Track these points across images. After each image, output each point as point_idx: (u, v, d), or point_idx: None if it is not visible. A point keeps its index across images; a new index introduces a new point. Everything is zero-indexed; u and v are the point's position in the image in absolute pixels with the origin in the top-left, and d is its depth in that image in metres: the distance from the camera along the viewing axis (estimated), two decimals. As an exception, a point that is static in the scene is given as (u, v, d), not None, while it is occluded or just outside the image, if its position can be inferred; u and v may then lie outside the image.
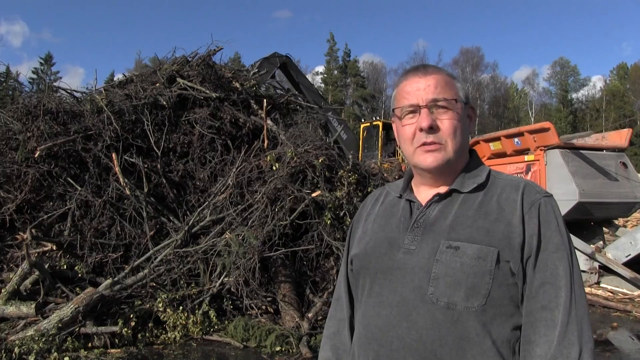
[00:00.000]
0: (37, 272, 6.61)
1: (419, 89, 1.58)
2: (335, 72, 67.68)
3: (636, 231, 9.92)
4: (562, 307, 1.41)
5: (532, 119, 64.31)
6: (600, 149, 10.99)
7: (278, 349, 6.15)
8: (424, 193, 1.65)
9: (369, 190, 7.83)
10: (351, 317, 1.76)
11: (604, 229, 11.02)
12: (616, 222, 11.85)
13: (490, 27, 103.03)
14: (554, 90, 73.30)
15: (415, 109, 1.58)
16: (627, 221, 14.69)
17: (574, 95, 74.54)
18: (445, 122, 1.56)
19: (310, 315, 6.90)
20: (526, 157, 10.72)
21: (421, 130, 1.55)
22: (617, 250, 9.61)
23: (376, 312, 1.54)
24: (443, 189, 1.60)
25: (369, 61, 73.07)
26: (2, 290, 6.44)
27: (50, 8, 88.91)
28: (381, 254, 1.59)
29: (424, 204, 1.61)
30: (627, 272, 9.32)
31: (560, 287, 1.42)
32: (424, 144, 1.56)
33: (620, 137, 11.50)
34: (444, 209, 1.57)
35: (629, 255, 9.57)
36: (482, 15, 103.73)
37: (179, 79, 8.77)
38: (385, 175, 8.95)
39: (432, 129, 1.55)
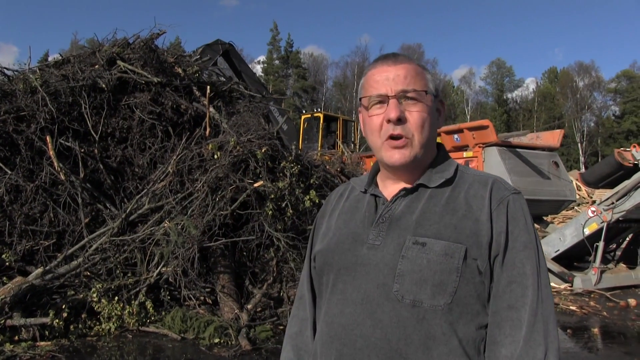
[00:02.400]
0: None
1: (387, 79, 1.52)
2: (277, 62, 67.40)
3: (565, 228, 10.32)
4: (528, 306, 1.38)
5: (469, 117, 65.89)
6: (535, 148, 11.36)
7: (217, 340, 6.06)
8: (390, 187, 1.60)
9: (311, 182, 7.80)
10: (314, 316, 1.69)
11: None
12: (545, 218, 12.28)
13: (432, 25, 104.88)
14: (490, 90, 75.34)
15: (383, 99, 1.52)
16: (554, 218, 15.28)
17: (508, 95, 76.99)
18: (414, 114, 1.50)
19: (249, 306, 6.84)
20: (465, 154, 10.97)
21: (389, 121, 1.50)
22: (547, 246, 9.96)
23: (339, 309, 1.49)
24: (409, 184, 1.56)
25: (310, 53, 73.15)
26: None
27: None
28: (345, 249, 1.54)
29: (389, 198, 1.56)
30: (555, 267, 9.72)
31: (527, 287, 1.40)
32: (391, 136, 1.50)
33: (553, 138, 11.97)
34: (410, 203, 1.52)
35: (558, 250, 10.08)
36: (425, 13, 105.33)
37: (119, 62, 8.46)
38: (327, 167, 8.94)
39: (400, 120, 1.49)
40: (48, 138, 7.36)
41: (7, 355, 5.30)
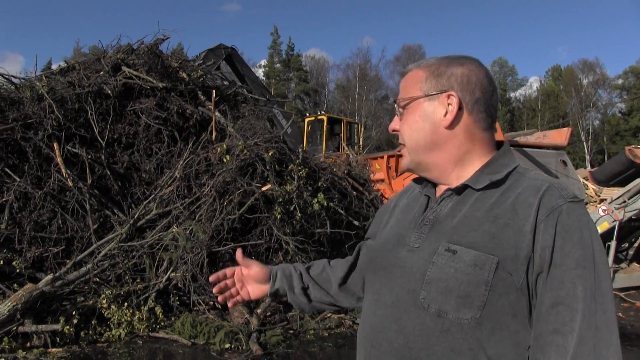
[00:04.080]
0: (-30, 268, 6.28)
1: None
2: (278, 65, 67.41)
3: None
4: (576, 333, 1.23)
5: (471, 117, 65.50)
6: (542, 147, 11.30)
7: (227, 345, 6.03)
8: (442, 188, 1.53)
9: (319, 184, 7.79)
10: (340, 273, 1.83)
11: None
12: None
13: (432, 25, 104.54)
14: (493, 89, 74.78)
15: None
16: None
17: (511, 94, 76.70)
18: (403, 123, 1.53)
19: (259, 311, 6.81)
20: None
21: None
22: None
23: (372, 310, 1.49)
24: (454, 184, 1.48)
25: (312, 55, 73.18)
26: None
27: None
28: (387, 250, 1.52)
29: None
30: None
31: (576, 310, 1.24)
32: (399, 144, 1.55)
33: (561, 136, 11.87)
34: (455, 206, 1.44)
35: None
36: (425, 13, 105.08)
37: (124, 68, 8.47)
38: (334, 169, 8.92)
39: (396, 130, 1.55)
40: (55, 145, 7.37)
41: (19, 362, 5.31)
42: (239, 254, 1.84)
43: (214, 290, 1.83)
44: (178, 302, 6.82)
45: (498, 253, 1.30)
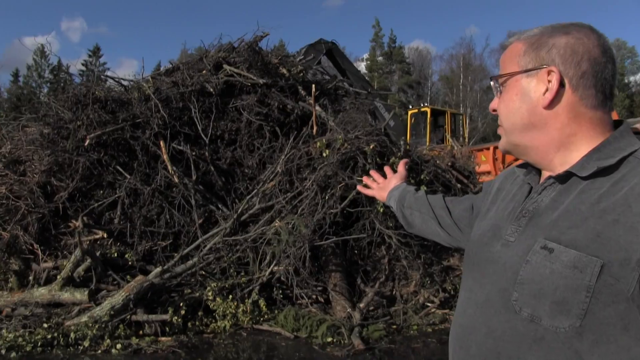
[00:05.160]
0: (89, 260, 6.65)
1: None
2: (380, 58, 67.02)
3: None
4: None
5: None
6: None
7: (329, 339, 5.99)
8: (545, 176, 1.36)
9: (421, 177, 7.59)
10: (435, 210, 1.89)
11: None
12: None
13: (541, 8, 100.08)
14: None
15: None
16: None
17: (631, 78, 72.01)
18: (499, 101, 1.38)
19: (361, 305, 6.73)
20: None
21: None
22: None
23: (463, 309, 1.37)
24: (557, 171, 1.28)
25: (414, 47, 72.20)
26: (57, 277, 6.50)
27: (107, 3, 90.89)
28: (483, 243, 1.38)
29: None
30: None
31: None
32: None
33: (686, 121, 10.96)
34: (557, 197, 1.25)
35: None
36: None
37: (225, 66, 8.66)
38: (437, 162, 8.68)
39: (495, 110, 1.41)
40: (162, 143, 7.67)
41: (133, 348, 5.57)
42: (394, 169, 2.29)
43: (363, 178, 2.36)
44: (281, 296, 6.87)
45: (603, 255, 1.10)
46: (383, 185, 2.21)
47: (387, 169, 2.29)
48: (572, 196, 1.22)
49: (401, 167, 2.24)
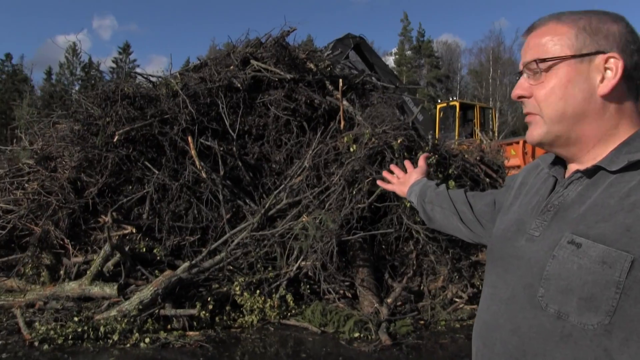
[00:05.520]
0: (118, 255, 6.73)
1: (523, 51, 1.29)
2: (409, 52, 66.56)
3: None
4: None
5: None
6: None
7: (356, 335, 5.99)
8: (572, 169, 1.30)
9: (449, 172, 7.51)
10: (455, 205, 1.84)
11: None
12: None
13: (572, 3, 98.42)
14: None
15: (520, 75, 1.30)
16: None
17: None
18: (539, 87, 1.25)
19: (389, 300, 6.69)
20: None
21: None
22: None
23: (487, 305, 1.32)
24: (586, 165, 1.23)
25: (443, 41, 71.56)
26: (87, 272, 6.60)
27: (137, 1, 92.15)
28: (507, 238, 1.33)
29: None
30: None
31: None
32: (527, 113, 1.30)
33: None
34: (584, 191, 1.21)
35: None
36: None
37: (252, 61, 8.67)
38: (466, 156, 8.58)
39: (523, 97, 1.28)
40: (189, 138, 7.70)
41: (162, 342, 5.62)
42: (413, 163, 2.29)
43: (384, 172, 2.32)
44: (308, 291, 6.87)
45: (634, 250, 1.05)
46: (403, 180, 2.20)
47: (407, 163, 2.29)
48: (600, 190, 1.17)
49: (421, 161, 2.22)
